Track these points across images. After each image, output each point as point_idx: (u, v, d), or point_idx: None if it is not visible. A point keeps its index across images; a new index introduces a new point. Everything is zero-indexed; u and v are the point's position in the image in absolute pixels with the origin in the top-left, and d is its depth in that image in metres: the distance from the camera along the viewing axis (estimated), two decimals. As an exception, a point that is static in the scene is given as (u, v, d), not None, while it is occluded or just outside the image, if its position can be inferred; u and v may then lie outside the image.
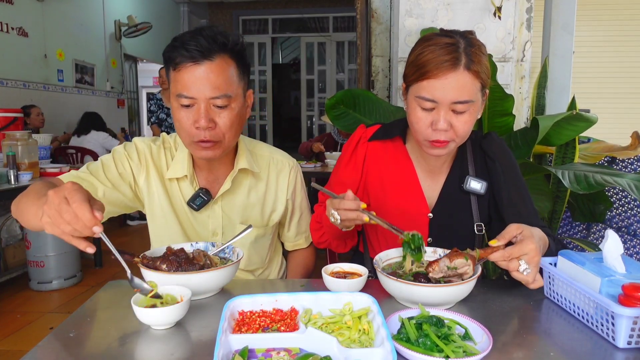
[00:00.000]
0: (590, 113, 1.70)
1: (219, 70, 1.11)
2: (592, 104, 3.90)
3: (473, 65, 1.02)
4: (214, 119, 1.13)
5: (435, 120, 1.05)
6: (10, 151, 3.00)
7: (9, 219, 3.50)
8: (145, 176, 1.27)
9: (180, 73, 1.11)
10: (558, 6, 2.20)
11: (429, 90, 1.04)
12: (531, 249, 0.90)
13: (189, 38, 1.11)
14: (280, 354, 0.73)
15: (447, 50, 1.02)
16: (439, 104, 1.04)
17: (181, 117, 1.13)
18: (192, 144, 1.16)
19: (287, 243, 1.48)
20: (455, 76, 1.02)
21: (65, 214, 0.80)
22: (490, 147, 1.22)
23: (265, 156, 1.37)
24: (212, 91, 1.10)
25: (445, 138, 1.07)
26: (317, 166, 4.14)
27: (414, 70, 1.07)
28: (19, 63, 4.73)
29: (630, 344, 0.79)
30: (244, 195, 1.32)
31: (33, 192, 1.04)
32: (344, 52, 9.14)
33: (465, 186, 1.19)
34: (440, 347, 0.73)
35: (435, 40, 1.05)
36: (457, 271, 0.93)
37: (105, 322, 0.89)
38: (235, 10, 9.19)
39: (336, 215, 1.03)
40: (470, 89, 1.03)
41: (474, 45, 1.04)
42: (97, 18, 6.23)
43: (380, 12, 2.52)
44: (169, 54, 1.13)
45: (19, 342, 2.59)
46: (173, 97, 1.14)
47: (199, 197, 1.25)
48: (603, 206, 1.90)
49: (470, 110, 1.05)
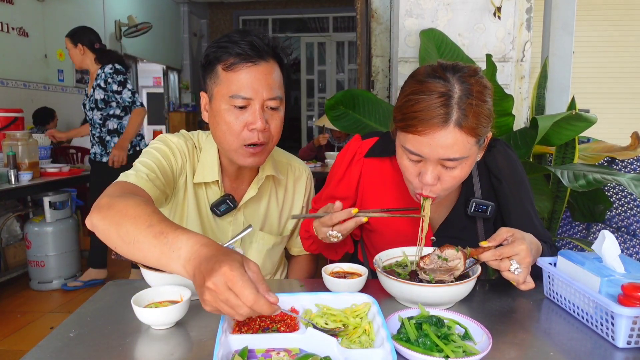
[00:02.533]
0: (590, 113, 1.70)
1: (272, 72, 1.10)
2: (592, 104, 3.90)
3: (466, 122, 0.90)
4: (268, 120, 1.11)
5: (422, 172, 0.97)
6: (10, 151, 3.00)
7: (9, 219, 3.50)
8: (185, 177, 1.21)
9: (237, 73, 1.07)
10: (558, 6, 2.20)
11: (415, 145, 0.94)
12: (522, 249, 0.90)
13: (240, 38, 1.08)
14: (280, 354, 0.73)
15: (438, 103, 0.90)
16: (426, 159, 0.95)
17: (231, 119, 1.08)
18: (240, 148, 1.11)
19: (293, 249, 1.45)
20: (445, 134, 0.90)
21: (241, 309, 0.68)
22: (495, 164, 1.12)
23: (284, 162, 1.36)
24: (269, 92, 1.09)
25: (430, 193, 0.99)
26: (317, 166, 4.15)
27: (401, 117, 0.96)
28: (19, 63, 4.73)
29: (629, 343, 0.79)
30: (266, 203, 1.31)
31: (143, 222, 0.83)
32: (344, 52, 9.14)
33: (470, 210, 1.11)
34: (440, 347, 0.73)
35: (426, 85, 0.92)
36: (448, 264, 0.93)
37: (105, 322, 0.89)
38: (235, 10, 9.19)
39: (335, 234, 0.99)
40: (462, 146, 0.92)
41: (471, 95, 0.91)
42: (97, 18, 6.23)
43: (380, 12, 2.52)
44: (217, 53, 1.09)
45: (19, 342, 2.59)
46: (223, 98, 1.09)
47: (224, 203, 1.21)
48: (603, 206, 1.90)
49: (462, 165, 0.95)
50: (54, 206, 3.33)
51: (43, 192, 3.31)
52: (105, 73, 3.23)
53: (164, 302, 0.89)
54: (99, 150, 3.35)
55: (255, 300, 0.67)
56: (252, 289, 0.67)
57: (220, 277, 0.67)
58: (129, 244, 0.84)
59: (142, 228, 0.82)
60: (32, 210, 3.64)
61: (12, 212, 3.56)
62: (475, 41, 2.03)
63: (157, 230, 0.81)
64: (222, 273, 0.67)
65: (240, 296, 0.67)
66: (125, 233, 0.84)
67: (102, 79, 3.23)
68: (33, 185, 3.10)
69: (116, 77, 3.23)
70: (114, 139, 3.32)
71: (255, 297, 0.67)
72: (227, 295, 0.67)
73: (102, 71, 3.25)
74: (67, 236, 3.41)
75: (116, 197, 0.93)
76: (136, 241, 0.82)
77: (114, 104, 3.28)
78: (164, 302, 0.89)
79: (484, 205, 1.10)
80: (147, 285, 0.97)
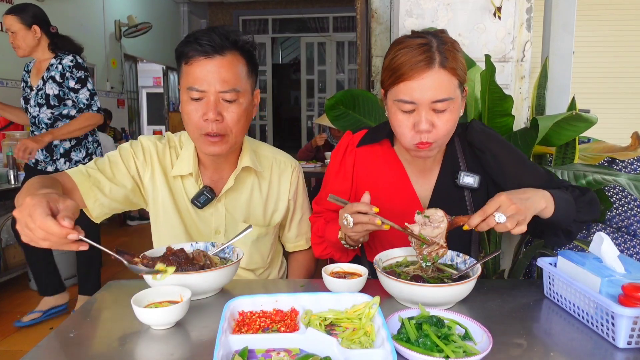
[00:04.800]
0: (590, 113, 1.70)
1: (229, 65, 1.15)
2: (592, 104, 3.89)
3: (448, 63, 1.02)
4: (222, 112, 1.15)
5: (417, 122, 1.05)
6: (10, 151, 3.00)
7: (9, 219, 3.50)
8: (151, 174, 1.28)
9: (192, 67, 1.14)
10: (558, 6, 2.20)
11: (407, 92, 1.04)
12: (501, 200, 0.94)
13: (202, 34, 1.14)
14: (280, 354, 0.73)
15: (420, 51, 1.02)
16: (418, 105, 1.04)
17: (190, 110, 1.16)
18: (200, 137, 1.18)
19: (287, 244, 1.48)
20: (431, 75, 1.02)
21: (36, 232, 0.79)
22: (475, 138, 1.21)
23: (268, 156, 1.39)
24: (222, 85, 1.14)
25: (428, 139, 1.06)
26: (317, 166, 4.15)
27: (390, 74, 1.07)
28: (19, 63, 4.72)
29: (630, 344, 0.79)
30: (247, 194, 1.33)
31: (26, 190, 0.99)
32: (344, 52, 9.14)
33: (459, 181, 1.18)
34: (440, 347, 0.73)
35: (407, 42, 1.05)
36: (431, 224, 0.99)
37: (105, 322, 0.89)
38: (235, 10, 9.19)
39: (349, 219, 1.02)
40: (448, 86, 1.03)
41: (446, 43, 1.04)
42: (97, 18, 6.23)
43: (380, 12, 2.52)
44: (182, 48, 1.17)
45: (19, 342, 2.59)
46: (183, 90, 1.17)
47: (203, 194, 1.26)
48: (603, 206, 1.90)
49: (450, 108, 1.05)
50: (53, 206, 3.32)
51: (43, 192, 3.30)
52: (64, 65, 2.63)
53: (164, 302, 0.89)
54: (42, 156, 2.70)
55: (43, 220, 0.78)
56: (42, 213, 0.79)
57: (22, 206, 0.81)
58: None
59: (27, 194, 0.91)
60: (32, 210, 3.63)
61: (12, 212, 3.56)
62: (475, 41, 2.02)
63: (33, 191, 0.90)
64: (26, 203, 0.81)
65: (33, 219, 0.78)
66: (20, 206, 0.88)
67: (57, 71, 2.63)
68: (33, 185, 3.08)
69: (76, 72, 2.64)
70: (64, 144, 2.70)
71: (45, 219, 0.78)
72: (25, 219, 0.79)
73: (59, 62, 2.65)
74: (67, 236, 3.40)
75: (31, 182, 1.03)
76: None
77: (70, 102, 2.68)
78: (164, 302, 0.89)
79: (471, 177, 1.18)
80: (147, 285, 0.97)
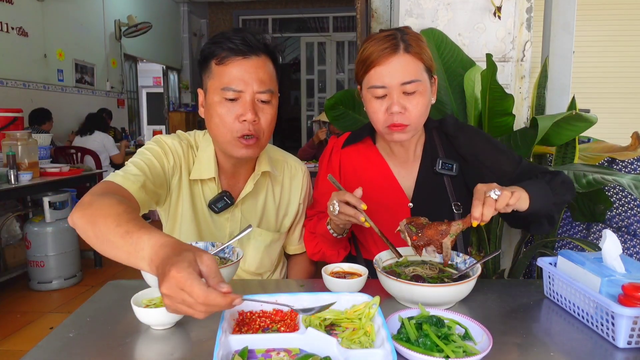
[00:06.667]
0: (590, 113, 1.70)
1: (264, 66, 1.14)
2: (592, 104, 3.89)
3: (412, 48, 1.12)
4: (258, 113, 1.14)
5: (389, 105, 1.12)
6: (10, 151, 3.00)
7: (8, 219, 3.50)
8: (178, 178, 1.22)
9: (228, 67, 1.11)
10: (558, 6, 2.20)
11: (377, 77, 1.12)
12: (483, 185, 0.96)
13: (234, 35, 1.12)
14: (280, 354, 0.73)
15: (386, 40, 1.12)
16: (389, 89, 1.12)
17: (223, 111, 1.12)
18: (233, 140, 1.14)
19: (290, 247, 1.46)
20: (397, 59, 1.11)
21: (196, 307, 0.68)
22: (449, 128, 1.28)
23: (280, 160, 1.38)
24: (259, 85, 1.12)
25: (401, 121, 1.12)
26: (317, 166, 4.14)
27: (361, 65, 1.16)
28: (19, 63, 4.73)
29: (630, 344, 0.79)
30: (263, 199, 1.32)
31: (112, 221, 0.84)
32: (344, 52, 9.14)
33: (437, 168, 1.25)
34: (440, 347, 0.73)
35: (374, 36, 1.16)
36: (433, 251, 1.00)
37: (105, 322, 0.89)
38: (235, 10, 9.19)
39: (336, 206, 1.06)
40: (414, 69, 1.12)
41: (409, 34, 1.15)
42: (97, 18, 6.23)
43: (380, 12, 2.52)
44: (212, 48, 1.13)
45: (19, 342, 2.59)
46: (215, 91, 1.13)
47: (222, 200, 1.23)
48: (603, 206, 1.90)
49: (419, 90, 1.12)
50: (53, 206, 3.33)
51: (43, 192, 3.31)
52: None
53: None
54: None
55: (206, 295, 0.66)
56: (200, 285, 0.67)
57: (170, 281, 0.67)
58: (102, 243, 0.84)
59: (112, 227, 0.82)
60: (31, 210, 3.64)
61: (12, 212, 3.56)
62: (475, 41, 2.02)
63: (123, 230, 0.81)
64: (171, 277, 0.67)
65: (192, 295, 0.67)
66: (99, 232, 0.85)
67: None
68: (33, 185, 3.09)
69: None
70: None
71: (205, 292, 0.66)
72: (181, 296, 0.67)
73: None
74: (67, 236, 3.41)
75: (97, 195, 0.93)
76: (107, 240, 0.83)
77: None
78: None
79: (449, 164, 1.25)
80: (147, 285, 0.97)
